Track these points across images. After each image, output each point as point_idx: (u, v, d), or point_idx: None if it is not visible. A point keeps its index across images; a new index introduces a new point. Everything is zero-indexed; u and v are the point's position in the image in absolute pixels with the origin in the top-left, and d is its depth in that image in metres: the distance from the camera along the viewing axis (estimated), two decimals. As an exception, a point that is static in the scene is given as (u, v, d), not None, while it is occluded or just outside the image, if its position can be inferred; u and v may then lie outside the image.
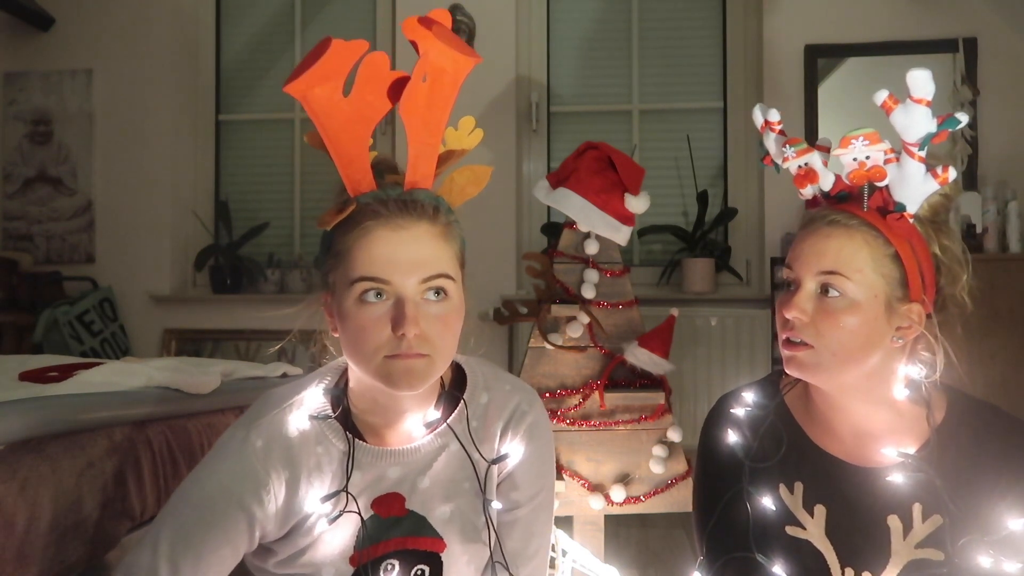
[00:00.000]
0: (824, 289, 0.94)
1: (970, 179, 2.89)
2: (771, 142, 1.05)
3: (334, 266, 0.90)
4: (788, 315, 0.96)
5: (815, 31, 3.04)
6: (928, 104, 0.88)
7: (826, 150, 1.02)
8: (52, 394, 1.13)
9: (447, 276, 0.89)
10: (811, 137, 2.92)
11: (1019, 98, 2.93)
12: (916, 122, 0.88)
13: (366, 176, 0.90)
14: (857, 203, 0.96)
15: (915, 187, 0.91)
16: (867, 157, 0.92)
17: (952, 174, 0.91)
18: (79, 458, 1.08)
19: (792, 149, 1.00)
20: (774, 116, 1.04)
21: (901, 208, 0.93)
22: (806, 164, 0.99)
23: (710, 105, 3.25)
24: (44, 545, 1.00)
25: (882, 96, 0.89)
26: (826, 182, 1.00)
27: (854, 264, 0.93)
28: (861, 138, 0.91)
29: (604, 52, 3.32)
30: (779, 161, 1.04)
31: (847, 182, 0.96)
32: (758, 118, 1.05)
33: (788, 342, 0.98)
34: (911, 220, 0.94)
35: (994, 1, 2.94)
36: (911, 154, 0.89)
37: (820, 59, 3.05)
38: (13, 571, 0.95)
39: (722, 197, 3.22)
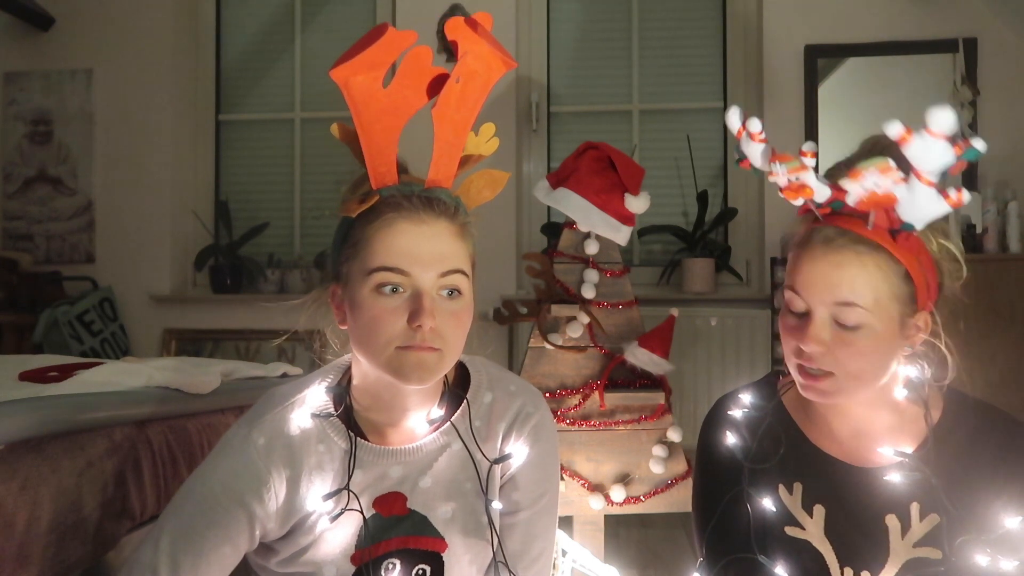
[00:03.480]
0: (838, 316, 0.91)
1: (970, 179, 2.89)
2: (753, 151, 0.97)
3: (350, 256, 0.91)
4: (806, 349, 0.92)
5: (815, 31, 3.04)
6: (947, 139, 0.81)
7: (813, 156, 0.93)
8: (52, 394, 1.13)
9: (463, 272, 0.91)
10: (811, 138, 2.93)
11: (1019, 98, 2.93)
12: (933, 155, 0.82)
13: (391, 170, 0.91)
14: (856, 219, 0.92)
15: (924, 208, 0.86)
16: (876, 184, 0.87)
17: (966, 196, 0.84)
18: (79, 458, 1.08)
19: (783, 166, 0.92)
20: (755, 126, 0.93)
21: (909, 227, 0.89)
22: (797, 179, 0.93)
23: (710, 105, 3.25)
24: (44, 545, 1.00)
25: (898, 130, 0.81)
26: (821, 196, 0.92)
27: (870, 294, 0.90)
28: (873, 170, 0.86)
29: (604, 52, 3.32)
30: (760, 167, 0.97)
31: (852, 205, 0.91)
32: (734, 123, 0.94)
33: (804, 370, 0.95)
34: (916, 233, 0.91)
35: (994, 1, 2.94)
36: (919, 177, 0.84)
37: (820, 59, 3.05)
38: (13, 571, 0.95)
39: (722, 197, 3.22)
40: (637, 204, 2.00)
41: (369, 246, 0.88)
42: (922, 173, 0.84)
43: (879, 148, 0.94)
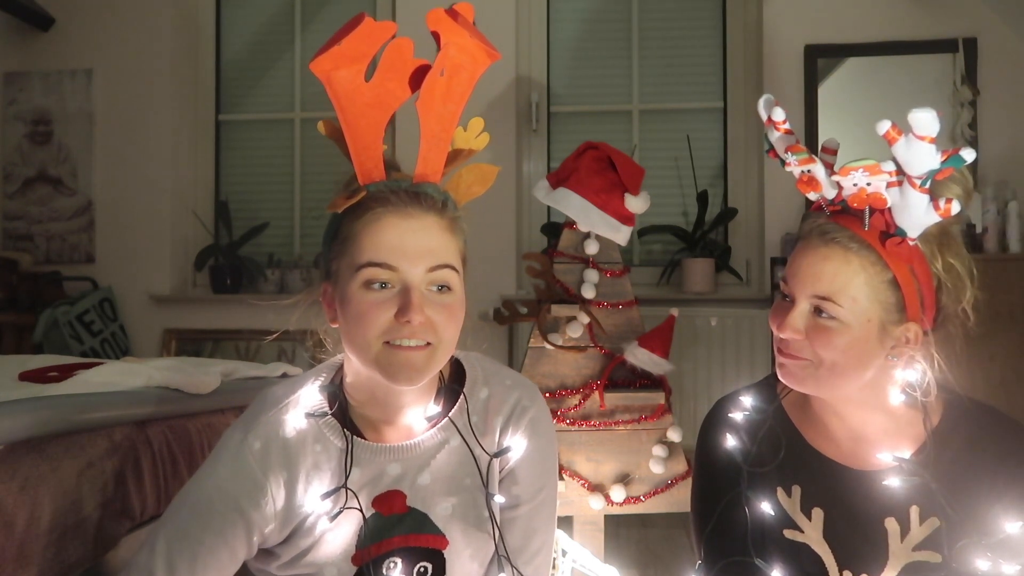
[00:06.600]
0: (818, 309, 0.94)
1: (970, 179, 2.89)
2: (776, 139, 1.01)
3: (340, 252, 0.90)
4: (782, 335, 0.96)
5: (815, 31, 3.04)
6: (932, 141, 0.83)
7: (831, 152, 0.99)
8: (52, 394, 1.13)
9: (452, 267, 0.90)
10: (811, 138, 2.93)
11: (1019, 98, 2.92)
12: (919, 158, 0.84)
13: (378, 165, 0.90)
14: (858, 220, 0.93)
15: (917, 216, 0.88)
16: (867, 183, 0.89)
17: (956, 207, 0.87)
18: (79, 458, 1.08)
19: (794, 157, 0.96)
20: (779, 115, 0.97)
21: (902, 233, 0.90)
22: (809, 171, 0.96)
23: (710, 105, 3.25)
24: (44, 545, 1.00)
25: (885, 126, 0.84)
26: (828, 193, 0.96)
27: (848, 291, 0.91)
28: (861, 170, 0.88)
29: (604, 52, 3.32)
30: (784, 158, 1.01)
31: (847, 201, 0.93)
32: (763, 112, 1.00)
33: (781, 350, 0.99)
34: (912, 243, 0.91)
35: (994, 1, 2.94)
36: (913, 184, 0.86)
37: (820, 59, 3.05)
38: (13, 571, 0.95)
39: (722, 197, 3.22)
40: (637, 204, 2.00)
41: (357, 242, 0.88)
42: (912, 177, 0.85)
43: None
